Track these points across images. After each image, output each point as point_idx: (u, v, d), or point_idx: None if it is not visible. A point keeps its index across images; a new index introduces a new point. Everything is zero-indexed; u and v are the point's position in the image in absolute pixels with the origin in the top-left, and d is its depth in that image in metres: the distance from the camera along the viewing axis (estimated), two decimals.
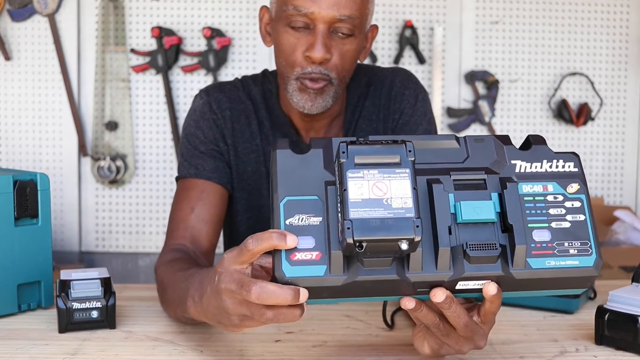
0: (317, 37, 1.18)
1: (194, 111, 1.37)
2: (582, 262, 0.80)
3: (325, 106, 1.24)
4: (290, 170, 0.82)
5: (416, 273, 0.78)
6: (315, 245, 0.78)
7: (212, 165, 1.33)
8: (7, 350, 0.99)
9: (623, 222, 2.73)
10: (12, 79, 2.81)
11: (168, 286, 1.09)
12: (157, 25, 2.81)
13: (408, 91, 1.36)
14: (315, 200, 0.80)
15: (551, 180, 0.84)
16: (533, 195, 0.82)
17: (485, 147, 0.85)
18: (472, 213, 0.79)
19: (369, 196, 0.75)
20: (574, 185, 0.84)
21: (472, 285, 0.80)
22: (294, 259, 0.77)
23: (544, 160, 0.85)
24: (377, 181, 0.76)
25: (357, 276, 0.77)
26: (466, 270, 0.78)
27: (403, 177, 0.76)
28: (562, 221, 0.81)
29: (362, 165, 0.77)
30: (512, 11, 2.91)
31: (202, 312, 0.89)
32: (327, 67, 1.20)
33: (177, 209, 1.31)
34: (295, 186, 0.81)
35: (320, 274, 0.77)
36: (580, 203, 0.83)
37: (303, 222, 0.79)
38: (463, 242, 0.79)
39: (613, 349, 1.00)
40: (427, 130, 1.36)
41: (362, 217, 0.74)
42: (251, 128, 1.35)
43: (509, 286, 0.81)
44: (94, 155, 2.81)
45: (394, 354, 0.99)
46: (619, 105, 2.98)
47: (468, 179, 0.82)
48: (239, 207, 1.38)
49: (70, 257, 2.82)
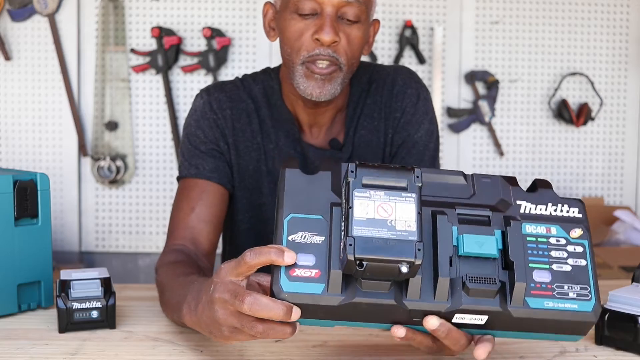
0: (325, 19, 1.19)
1: (194, 111, 1.37)
2: (580, 307, 0.80)
3: (334, 93, 1.24)
4: (298, 189, 0.82)
5: (414, 300, 0.78)
6: (316, 263, 0.78)
7: (213, 165, 1.33)
8: (7, 350, 0.99)
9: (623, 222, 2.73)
10: (12, 79, 2.81)
11: (167, 289, 1.10)
12: (157, 25, 2.81)
13: (410, 90, 1.36)
14: (319, 219, 0.81)
15: (555, 223, 0.84)
16: (536, 236, 0.83)
17: (492, 186, 0.86)
18: (474, 246, 0.79)
19: (374, 216, 0.76)
20: (577, 230, 0.84)
21: (468, 320, 0.80)
22: (292, 275, 0.78)
23: (549, 204, 0.85)
24: (383, 202, 0.77)
25: (354, 298, 0.77)
26: (464, 302, 0.78)
27: (409, 201, 0.77)
28: (563, 264, 0.82)
29: (370, 186, 0.78)
30: (512, 11, 2.91)
31: (195, 321, 0.90)
32: (336, 51, 1.20)
33: (177, 208, 1.31)
34: (301, 204, 0.81)
35: (317, 292, 0.77)
36: (583, 248, 0.83)
37: (305, 240, 0.79)
38: (463, 274, 0.79)
39: (613, 349, 1.00)
40: (428, 129, 1.36)
41: (365, 235, 0.74)
42: (252, 126, 1.35)
43: (505, 324, 0.81)
44: (94, 155, 2.81)
45: (394, 354, 0.99)
46: (619, 105, 2.98)
47: (472, 215, 0.83)
48: (239, 205, 1.38)
49: (70, 257, 2.82)
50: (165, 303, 1.11)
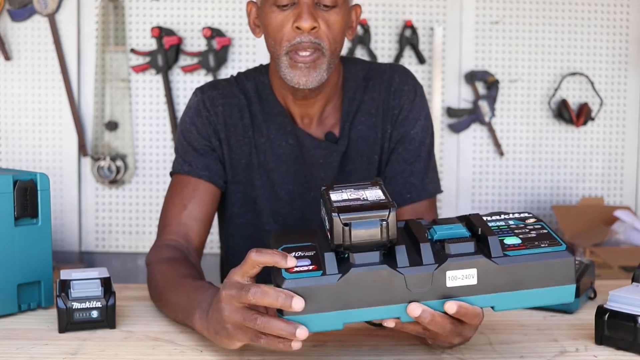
0: (302, 7, 1.22)
1: (189, 108, 1.41)
2: (554, 249, 0.88)
3: (320, 80, 1.26)
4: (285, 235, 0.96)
5: (404, 267, 0.85)
6: (311, 262, 0.87)
7: (205, 163, 1.36)
8: (7, 350, 0.99)
9: (623, 222, 2.73)
10: (12, 79, 2.81)
11: (170, 289, 1.12)
12: (157, 25, 2.81)
13: (407, 87, 1.39)
14: (308, 244, 0.92)
15: (511, 220, 0.97)
16: (498, 225, 0.94)
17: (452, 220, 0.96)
18: (445, 231, 0.90)
19: (349, 197, 0.89)
20: (531, 219, 0.96)
21: (461, 280, 0.86)
22: (292, 271, 0.86)
23: (502, 215, 0.98)
24: (353, 192, 0.90)
25: (349, 271, 0.84)
26: (449, 259, 0.86)
27: (375, 189, 0.91)
28: (528, 234, 0.92)
29: (340, 188, 0.92)
30: (512, 11, 2.91)
31: (205, 325, 0.96)
32: (317, 36, 1.24)
33: (170, 204, 1.35)
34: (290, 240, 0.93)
35: (317, 275, 0.85)
36: (540, 226, 0.94)
37: (299, 254, 0.89)
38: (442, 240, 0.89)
39: (613, 349, 1.00)
40: (424, 125, 1.40)
41: (344, 205, 0.86)
42: (243, 121, 1.38)
43: (495, 279, 0.87)
44: (94, 155, 2.82)
45: (393, 354, 0.99)
46: (619, 105, 2.98)
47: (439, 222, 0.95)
48: (234, 199, 1.41)
49: (70, 257, 2.82)
50: (165, 301, 1.13)
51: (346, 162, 1.38)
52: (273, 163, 1.38)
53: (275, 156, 1.38)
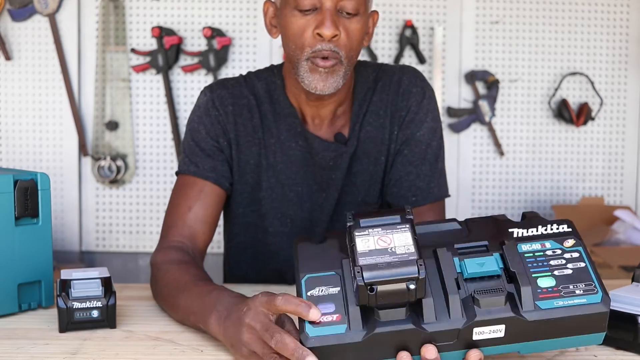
0: (325, 14, 1.21)
1: (197, 107, 1.40)
2: (589, 300, 0.83)
3: (337, 86, 1.26)
4: (310, 255, 0.93)
5: (431, 323, 0.83)
6: (335, 309, 0.85)
7: (212, 164, 1.35)
8: (7, 349, 0.99)
9: (623, 221, 2.73)
10: (13, 79, 2.81)
11: (182, 292, 1.11)
12: (157, 25, 2.81)
13: (416, 89, 1.39)
14: (332, 275, 0.89)
15: (548, 239, 0.89)
16: (532, 252, 0.88)
17: (484, 223, 0.93)
18: (476, 267, 0.85)
19: (375, 247, 0.84)
20: (569, 240, 0.89)
21: (487, 334, 0.83)
22: (316, 322, 0.84)
23: (539, 226, 0.91)
24: (381, 235, 0.85)
25: (375, 329, 0.82)
26: (478, 315, 0.82)
27: (404, 230, 0.86)
28: (564, 269, 0.86)
29: (367, 227, 0.87)
30: (512, 11, 2.91)
31: (221, 331, 0.97)
32: (337, 45, 1.23)
33: (175, 205, 1.34)
34: (314, 266, 0.90)
35: (341, 332, 0.83)
36: (579, 254, 0.88)
37: (323, 293, 0.87)
38: (471, 291, 0.84)
39: (613, 348, 1.00)
40: (431, 127, 1.38)
41: (370, 263, 0.82)
42: (253, 122, 1.37)
43: (523, 332, 0.84)
44: (94, 155, 2.82)
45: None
46: (619, 105, 2.98)
47: (470, 247, 0.90)
48: (240, 200, 1.41)
49: (71, 256, 2.82)
50: (175, 304, 1.12)
51: (354, 163, 1.38)
52: (283, 164, 1.37)
53: (285, 157, 1.37)
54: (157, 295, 1.21)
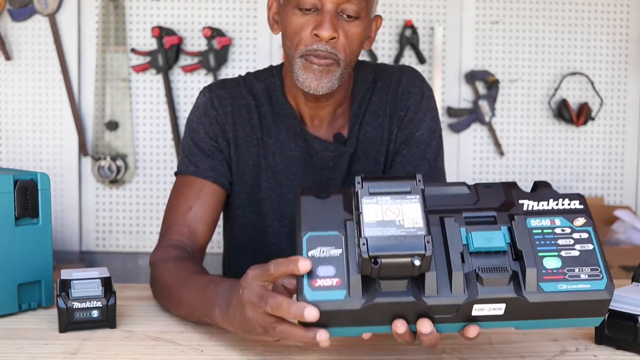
0: (325, 16, 1.21)
1: (197, 108, 1.40)
2: (593, 286, 0.82)
3: (331, 87, 1.26)
4: (313, 211, 0.89)
5: (432, 296, 0.82)
6: (336, 272, 0.83)
7: (211, 164, 1.35)
8: (7, 349, 0.99)
9: (623, 221, 2.73)
10: (13, 79, 2.81)
11: (182, 287, 1.11)
12: (157, 25, 2.81)
13: (415, 89, 1.39)
14: (335, 235, 0.86)
15: (558, 215, 0.87)
16: (541, 228, 0.86)
17: (494, 191, 0.91)
18: (483, 241, 0.83)
19: (383, 218, 0.81)
20: (580, 219, 0.87)
21: (487, 311, 0.83)
22: (315, 285, 0.83)
23: (550, 199, 0.89)
24: (390, 205, 0.82)
25: (374, 299, 0.81)
26: (480, 292, 0.81)
27: (413, 202, 0.82)
28: (571, 250, 0.84)
29: (376, 194, 0.83)
30: (512, 11, 2.91)
31: (228, 321, 0.97)
32: (334, 47, 1.23)
33: (174, 205, 1.34)
34: (317, 224, 0.88)
35: (340, 298, 0.82)
36: (588, 234, 0.86)
37: (324, 254, 0.85)
38: (475, 267, 0.82)
39: (613, 348, 1.00)
40: (430, 127, 1.38)
41: (376, 235, 0.79)
42: (252, 122, 1.37)
43: (523, 311, 0.83)
44: (94, 155, 2.82)
45: (394, 353, 0.99)
46: (619, 105, 2.98)
47: (478, 217, 0.87)
48: (239, 200, 1.40)
49: (71, 256, 2.82)
50: (177, 300, 1.12)
51: (353, 163, 1.38)
52: (282, 165, 1.37)
53: (284, 158, 1.37)
54: (157, 294, 1.21)
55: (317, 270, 0.83)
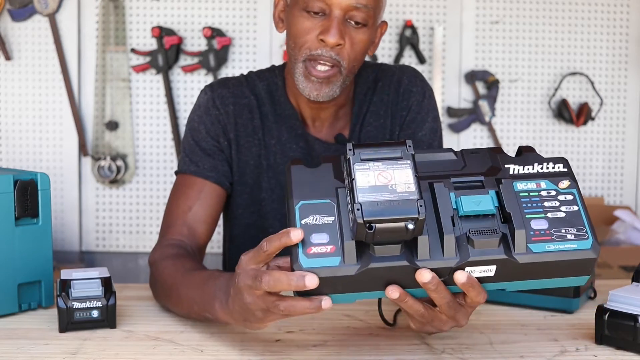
0: (332, 21, 1.20)
1: (198, 106, 1.39)
2: (580, 245, 0.84)
3: (332, 95, 1.25)
4: (304, 181, 0.90)
5: (425, 260, 0.83)
6: (330, 240, 0.84)
7: (212, 164, 1.34)
8: (7, 349, 1.00)
9: (623, 221, 2.73)
10: (13, 79, 2.81)
11: (181, 284, 1.11)
12: (157, 25, 2.81)
13: (416, 88, 1.39)
14: (327, 202, 0.87)
15: (543, 179, 0.90)
16: (527, 191, 0.88)
17: (481, 156, 0.93)
18: (472, 205, 0.85)
19: (375, 183, 0.82)
20: (564, 181, 0.90)
21: (478, 273, 0.85)
22: (310, 253, 0.83)
23: (535, 163, 0.91)
24: (382, 171, 0.83)
25: (369, 264, 0.82)
26: (471, 255, 0.83)
27: (405, 167, 0.83)
28: (557, 212, 0.87)
29: (368, 160, 0.84)
30: (512, 11, 2.91)
31: (228, 314, 0.95)
32: (339, 53, 1.22)
33: (174, 205, 1.33)
34: (308, 192, 0.88)
35: (335, 264, 0.83)
36: (573, 196, 0.88)
37: (317, 222, 0.85)
38: (466, 230, 0.84)
39: (613, 348, 1.00)
40: (432, 127, 1.39)
41: (369, 200, 0.80)
42: (254, 122, 1.37)
43: (513, 272, 0.85)
44: (94, 155, 2.82)
45: (394, 353, 0.99)
46: (619, 105, 2.98)
47: (466, 181, 0.89)
48: (240, 200, 1.40)
49: (71, 256, 2.82)
50: (176, 297, 1.11)
51: None
52: (283, 166, 1.37)
53: (285, 158, 1.36)
54: (157, 292, 1.20)
55: (310, 238, 0.84)
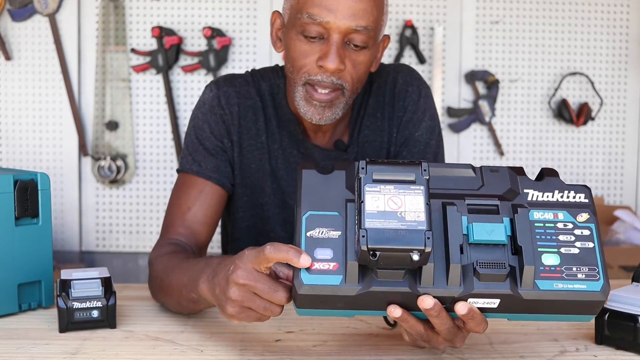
0: (331, 47, 1.16)
1: (203, 103, 1.36)
2: (589, 287, 0.82)
3: (335, 118, 1.23)
4: (315, 188, 0.87)
5: (427, 287, 0.81)
6: (333, 256, 0.82)
7: (214, 164, 1.33)
8: (7, 349, 1.00)
9: (623, 221, 2.73)
10: (13, 79, 2.81)
11: (172, 272, 1.10)
12: (157, 25, 2.81)
13: (411, 88, 1.36)
14: (335, 215, 0.85)
15: (562, 209, 0.87)
16: (543, 222, 0.85)
17: (500, 176, 0.90)
18: (483, 234, 0.82)
19: (384, 209, 0.80)
20: (583, 214, 0.86)
21: (481, 304, 0.83)
22: (312, 268, 0.82)
23: (555, 191, 0.88)
24: (393, 195, 0.81)
25: (370, 287, 0.81)
26: (475, 287, 0.81)
27: (417, 193, 0.81)
28: (571, 247, 0.84)
29: (380, 181, 0.82)
30: (512, 11, 2.91)
31: (209, 289, 0.93)
32: (340, 77, 1.18)
33: (175, 205, 1.32)
34: (318, 202, 0.86)
35: (336, 283, 0.81)
36: (590, 232, 0.85)
37: (323, 235, 0.84)
38: (474, 260, 0.82)
39: (613, 348, 1.00)
40: (429, 126, 1.36)
41: (376, 227, 0.78)
42: (258, 125, 1.35)
43: (517, 307, 0.83)
44: (94, 155, 2.82)
45: (394, 353, 0.99)
46: (619, 105, 2.98)
47: (481, 204, 0.86)
48: (240, 203, 1.38)
49: (71, 256, 2.82)
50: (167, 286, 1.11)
51: None
52: (284, 171, 1.35)
53: (286, 164, 1.35)
54: (153, 289, 1.19)
55: (314, 253, 0.82)
